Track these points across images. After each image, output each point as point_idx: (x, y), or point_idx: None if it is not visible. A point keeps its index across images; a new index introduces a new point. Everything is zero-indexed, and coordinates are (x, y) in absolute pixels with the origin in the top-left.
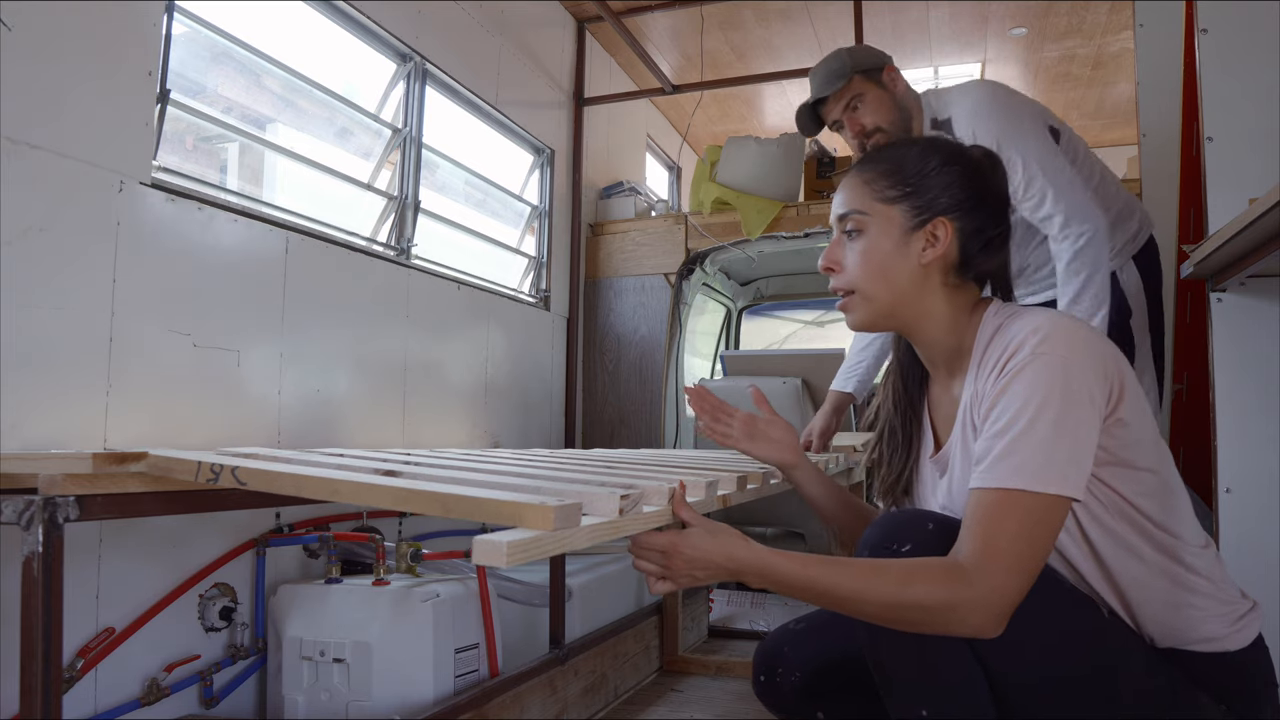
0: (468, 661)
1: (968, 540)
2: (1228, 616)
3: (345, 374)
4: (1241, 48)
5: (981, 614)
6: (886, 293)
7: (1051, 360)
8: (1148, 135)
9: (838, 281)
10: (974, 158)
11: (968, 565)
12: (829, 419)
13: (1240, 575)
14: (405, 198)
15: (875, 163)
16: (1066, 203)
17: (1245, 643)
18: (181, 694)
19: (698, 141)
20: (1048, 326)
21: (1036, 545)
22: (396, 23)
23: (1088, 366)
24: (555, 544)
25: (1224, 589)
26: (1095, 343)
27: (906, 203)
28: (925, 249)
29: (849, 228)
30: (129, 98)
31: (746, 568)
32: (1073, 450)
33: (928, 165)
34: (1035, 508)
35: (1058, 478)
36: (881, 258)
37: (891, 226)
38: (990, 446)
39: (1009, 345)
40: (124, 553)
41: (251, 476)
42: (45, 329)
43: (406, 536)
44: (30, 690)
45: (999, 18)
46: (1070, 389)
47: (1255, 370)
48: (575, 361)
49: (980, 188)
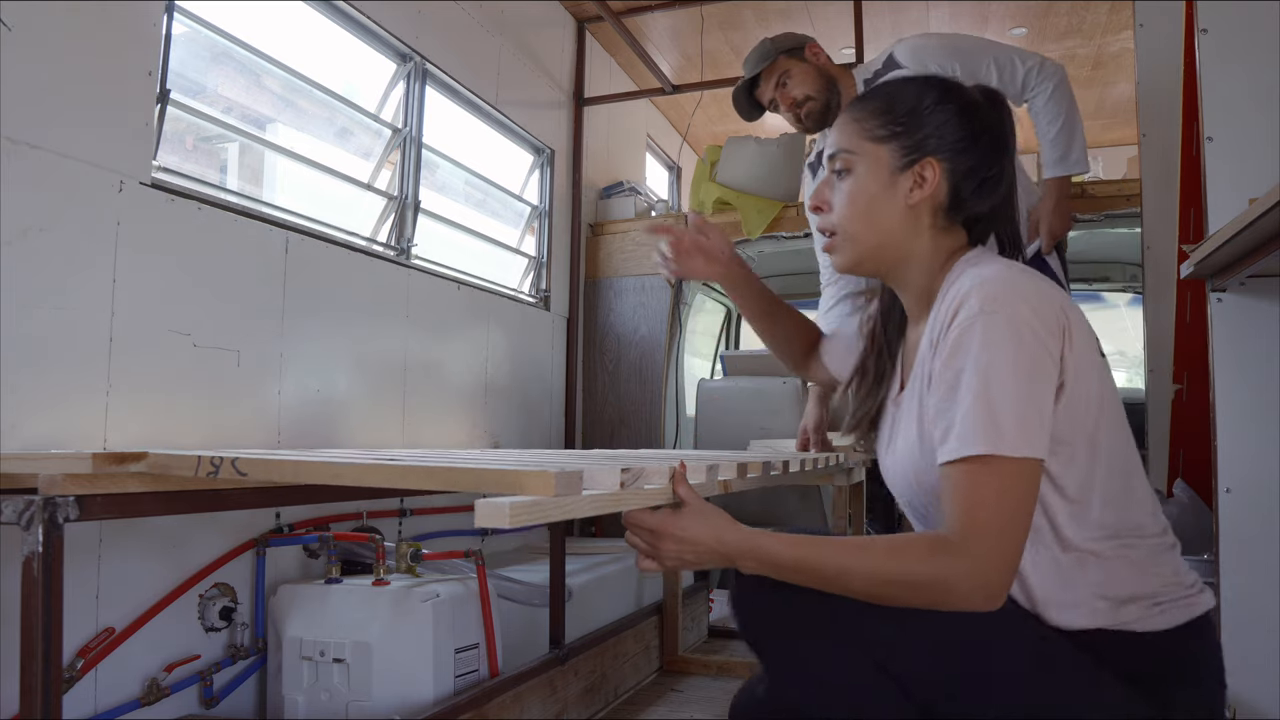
0: (468, 661)
1: (949, 516)
2: (1146, 596)
3: (345, 374)
4: (1241, 48)
5: (969, 585)
6: (872, 234)
7: (1000, 318)
8: (1148, 135)
9: (824, 221)
10: (971, 96)
11: (952, 538)
12: (818, 412)
13: (1240, 575)
14: (405, 198)
15: (868, 100)
16: (1029, 54)
17: (1169, 624)
18: (181, 694)
19: (698, 141)
20: (995, 280)
21: (1018, 510)
22: (396, 23)
23: (1034, 319)
24: (557, 509)
25: (1141, 563)
26: (1041, 293)
27: (895, 142)
28: (912, 189)
29: (838, 167)
30: (129, 98)
31: (734, 550)
32: (1033, 410)
33: (921, 103)
34: (1008, 473)
35: (1024, 441)
36: (868, 198)
37: (879, 166)
38: (950, 416)
39: (957, 297)
40: (124, 553)
41: (251, 467)
42: (45, 329)
43: (406, 536)
44: (30, 690)
45: (999, 18)
46: (1020, 345)
47: (1255, 370)
48: (575, 361)
49: (975, 127)
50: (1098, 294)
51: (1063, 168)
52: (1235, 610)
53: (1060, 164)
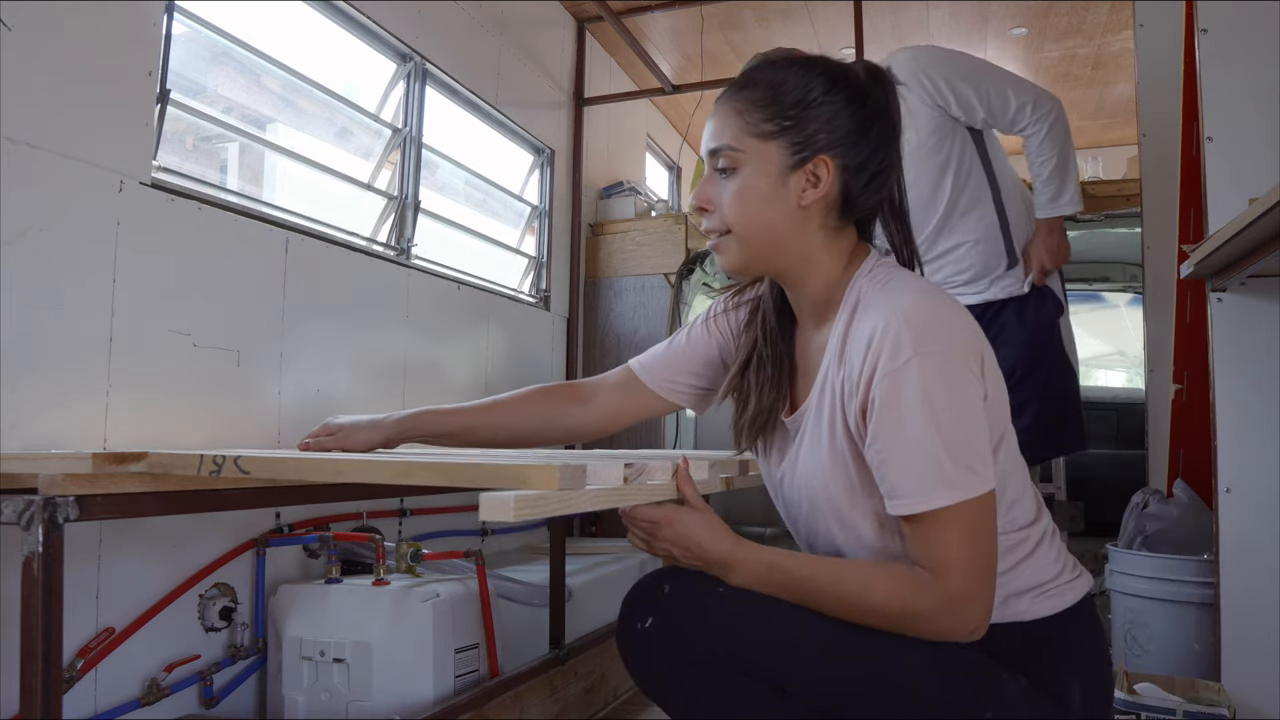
0: (468, 661)
1: (917, 558)
2: (1034, 586)
3: (345, 374)
4: (1241, 48)
5: (946, 622)
6: (763, 235)
7: (934, 360)
8: (1148, 135)
9: (711, 222)
10: (858, 81)
11: (924, 577)
12: None
13: (1240, 575)
14: (405, 198)
15: (750, 89)
16: (1025, 87)
17: (1052, 610)
18: (181, 694)
19: (698, 141)
20: (918, 314)
21: (981, 541)
22: (396, 23)
23: (965, 351)
24: (560, 503)
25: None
26: (963, 322)
27: (784, 138)
28: (805, 190)
29: (721, 165)
30: (129, 98)
31: (724, 557)
32: (978, 444)
33: (809, 94)
34: (968, 513)
35: (977, 479)
36: (758, 199)
37: (768, 165)
38: (901, 467)
39: (876, 331)
40: (124, 553)
41: (254, 465)
42: (45, 329)
43: (406, 536)
44: (30, 690)
45: (999, 18)
46: (957, 385)
47: (1255, 370)
48: (575, 361)
49: (865, 117)
50: (1098, 294)
51: (1053, 209)
52: (1235, 610)
53: (1051, 205)
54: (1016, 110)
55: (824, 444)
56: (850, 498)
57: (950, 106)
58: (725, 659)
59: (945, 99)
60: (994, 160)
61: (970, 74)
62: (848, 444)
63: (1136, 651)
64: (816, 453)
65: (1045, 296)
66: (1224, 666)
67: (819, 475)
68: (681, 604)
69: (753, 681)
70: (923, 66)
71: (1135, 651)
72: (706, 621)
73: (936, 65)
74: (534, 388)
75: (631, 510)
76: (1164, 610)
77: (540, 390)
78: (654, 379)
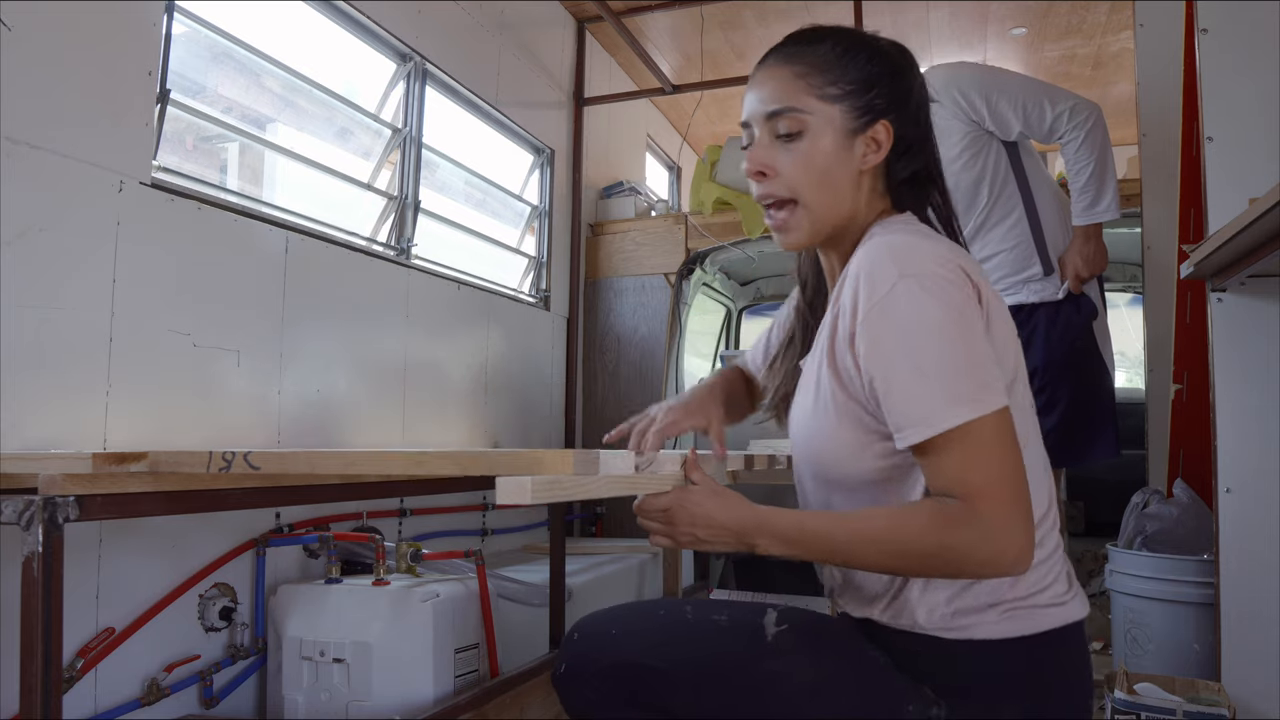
0: (468, 661)
1: (943, 491)
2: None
3: (345, 374)
4: (1241, 48)
5: (985, 551)
6: (830, 201)
7: (919, 280)
8: (1148, 135)
9: (773, 188)
10: (892, 52)
11: (955, 508)
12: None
13: (1240, 575)
14: (405, 197)
15: (806, 51)
16: (1062, 96)
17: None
18: (181, 694)
19: (698, 141)
20: (902, 245)
21: (1008, 459)
22: (396, 23)
23: (955, 277)
24: (575, 487)
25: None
26: (954, 254)
27: (848, 102)
28: (866, 154)
29: (784, 129)
30: (129, 98)
31: (748, 525)
32: (984, 360)
33: (858, 59)
34: (985, 430)
35: (990, 393)
36: (826, 163)
37: (833, 129)
38: (906, 395)
39: (859, 271)
40: (124, 553)
41: (264, 460)
42: (45, 329)
43: (406, 536)
44: (30, 690)
45: (999, 18)
46: (951, 302)
47: (1255, 370)
48: (575, 361)
49: (904, 86)
50: None
51: (1090, 216)
52: (1235, 610)
53: (1088, 212)
54: (1054, 118)
55: (811, 386)
56: (826, 443)
57: (984, 121)
58: (622, 697)
59: (980, 114)
60: (1029, 172)
61: (1005, 87)
62: (831, 384)
63: (1136, 651)
64: (805, 394)
65: (1081, 302)
66: (1224, 666)
67: (804, 415)
68: (582, 649)
69: (646, 714)
70: (956, 83)
71: (1135, 651)
72: (601, 662)
73: (970, 82)
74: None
75: (641, 503)
76: (1164, 610)
77: (744, 375)
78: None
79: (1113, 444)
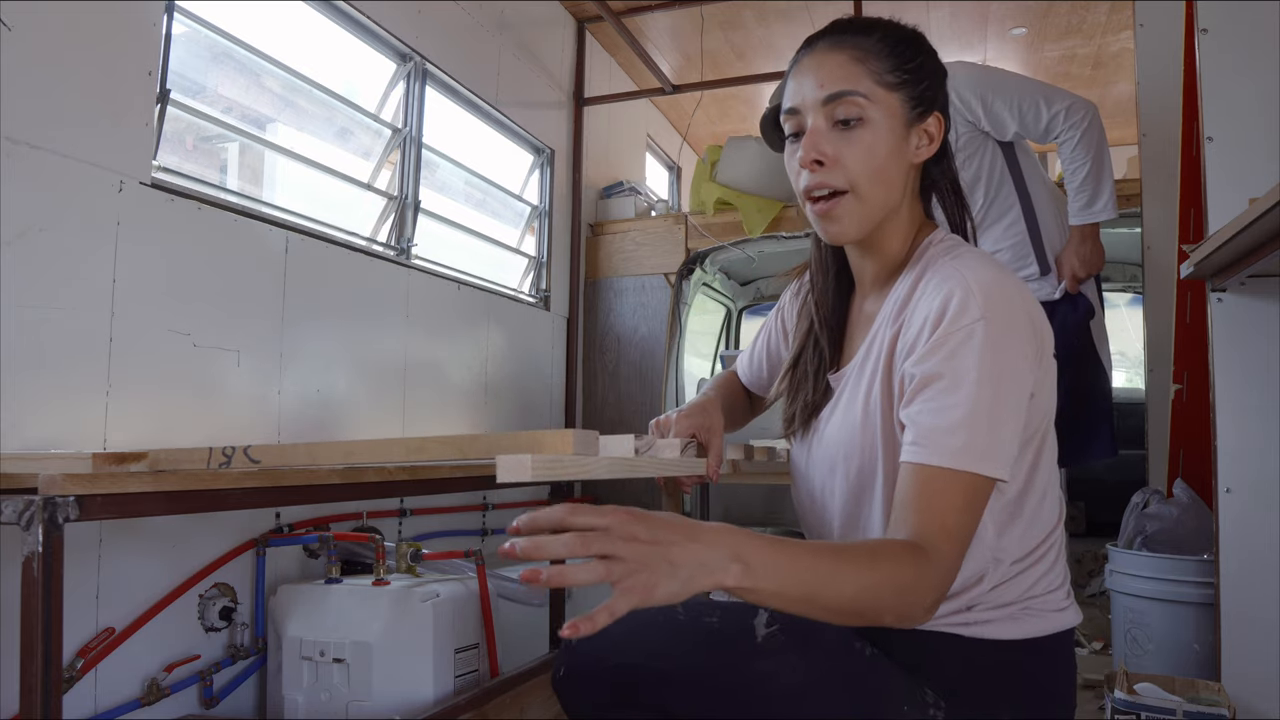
0: (468, 661)
1: (915, 516)
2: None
3: (345, 374)
4: (1241, 48)
5: (934, 594)
6: (884, 196)
7: (995, 328)
8: (1148, 135)
9: (829, 178)
10: (933, 50)
11: (923, 543)
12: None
13: (1240, 575)
14: (405, 197)
15: (860, 38)
16: (1058, 95)
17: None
18: (181, 694)
19: (698, 141)
20: (993, 284)
21: (973, 524)
22: (396, 23)
23: (1025, 332)
24: (575, 467)
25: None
26: (1032, 308)
27: (905, 91)
28: (919, 147)
29: (844, 115)
30: (129, 98)
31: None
32: (1011, 431)
33: (910, 49)
34: (977, 488)
35: (999, 461)
36: (886, 153)
37: (893, 117)
38: (934, 419)
39: (947, 298)
40: (124, 553)
41: (265, 453)
42: (45, 329)
43: (406, 536)
44: (30, 690)
45: (999, 18)
46: (1012, 362)
47: (1255, 370)
48: (575, 361)
49: (945, 84)
50: None
51: (1086, 216)
52: (1235, 610)
53: (1084, 212)
54: (1050, 118)
55: (859, 402)
56: (870, 461)
57: (980, 121)
58: (623, 699)
59: (975, 114)
60: (1026, 171)
61: (1000, 87)
62: (882, 402)
63: (1136, 651)
64: (851, 410)
65: (1078, 301)
66: (1224, 666)
67: (847, 432)
68: (581, 651)
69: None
70: (952, 83)
71: (1135, 651)
72: (600, 665)
73: (965, 82)
74: (732, 376)
75: (530, 518)
76: (1164, 610)
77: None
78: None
79: (1109, 444)
